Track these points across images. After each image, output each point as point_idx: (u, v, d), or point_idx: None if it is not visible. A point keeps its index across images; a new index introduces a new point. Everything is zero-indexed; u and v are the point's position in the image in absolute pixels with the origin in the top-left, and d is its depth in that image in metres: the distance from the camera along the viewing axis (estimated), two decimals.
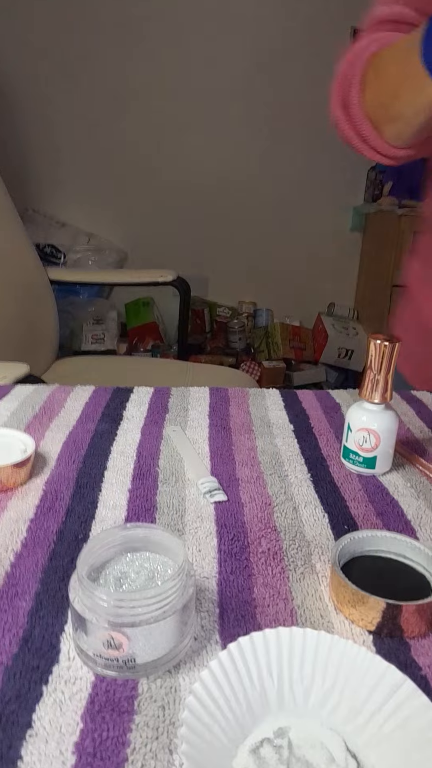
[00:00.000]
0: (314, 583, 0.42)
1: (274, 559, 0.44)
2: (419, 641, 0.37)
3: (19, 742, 0.30)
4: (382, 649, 0.37)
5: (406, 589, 0.40)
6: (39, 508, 0.50)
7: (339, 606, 0.39)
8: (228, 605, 0.40)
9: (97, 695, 0.33)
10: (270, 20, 2.62)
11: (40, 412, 0.68)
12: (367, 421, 0.55)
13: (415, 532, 0.49)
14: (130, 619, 0.32)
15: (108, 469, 0.56)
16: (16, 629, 0.37)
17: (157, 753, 0.30)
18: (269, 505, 0.51)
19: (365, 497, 0.53)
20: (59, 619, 0.38)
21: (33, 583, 0.41)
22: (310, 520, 0.50)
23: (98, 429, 0.64)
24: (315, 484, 0.55)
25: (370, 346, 0.53)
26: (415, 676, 0.35)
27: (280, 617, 0.39)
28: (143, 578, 0.36)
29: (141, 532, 0.39)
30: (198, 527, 0.48)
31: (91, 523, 0.48)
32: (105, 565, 0.38)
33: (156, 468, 0.57)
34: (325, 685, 0.32)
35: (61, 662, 0.35)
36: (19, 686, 0.33)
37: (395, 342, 0.52)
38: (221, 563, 0.44)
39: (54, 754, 0.29)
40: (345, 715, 0.31)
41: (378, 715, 0.30)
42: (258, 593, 0.41)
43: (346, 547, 0.42)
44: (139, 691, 0.33)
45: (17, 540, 0.45)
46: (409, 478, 0.57)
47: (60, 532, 0.47)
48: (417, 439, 0.65)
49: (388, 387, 0.54)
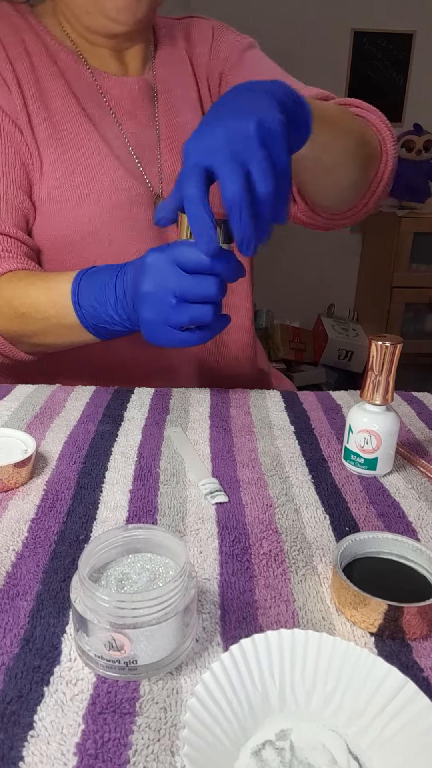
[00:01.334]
0: (316, 585, 0.42)
1: (275, 560, 0.44)
2: (421, 643, 0.37)
3: (20, 743, 0.30)
4: (383, 651, 0.37)
5: (407, 590, 0.40)
6: (40, 508, 0.50)
7: (340, 608, 0.39)
8: (229, 607, 0.40)
9: (98, 696, 0.33)
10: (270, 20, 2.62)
11: (41, 412, 0.68)
12: (368, 422, 0.55)
13: (417, 534, 0.48)
14: (131, 621, 0.32)
15: (109, 469, 0.56)
16: (17, 630, 0.37)
17: (159, 755, 0.30)
18: (270, 507, 0.51)
19: (366, 499, 0.53)
20: (60, 619, 0.38)
21: (34, 583, 0.41)
22: (312, 521, 0.50)
23: (99, 429, 0.64)
24: (316, 486, 0.55)
25: (371, 348, 0.53)
26: (417, 678, 0.35)
27: (282, 619, 0.39)
28: (145, 580, 0.36)
29: (142, 533, 0.38)
30: (199, 529, 0.48)
31: (92, 523, 0.48)
32: (106, 566, 0.38)
33: (157, 469, 0.57)
34: (327, 687, 0.32)
35: (62, 663, 0.35)
36: (20, 687, 0.33)
37: (396, 343, 0.52)
38: (222, 565, 0.44)
39: (55, 755, 0.29)
40: (347, 718, 0.31)
41: (380, 718, 0.30)
42: (259, 595, 0.41)
43: (348, 548, 0.42)
44: (141, 692, 0.33)
45: (18, 540, 0.45)
46: (411, 480, 0.57)
47: (61, 533, 0.47)
48: (418, 441, 0.65)
49: (389, 388, 0.53)
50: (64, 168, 0.79)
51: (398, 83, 3.07)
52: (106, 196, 0.80)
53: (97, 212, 0.80)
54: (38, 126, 0.79)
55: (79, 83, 0.83)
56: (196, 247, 0.54)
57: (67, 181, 0.79)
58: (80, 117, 0.81)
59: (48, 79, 0.81)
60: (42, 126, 0.79)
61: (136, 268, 0.60)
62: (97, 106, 0.84)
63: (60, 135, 0.80)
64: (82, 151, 0.80)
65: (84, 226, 0.79)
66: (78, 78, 0.83)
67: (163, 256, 0.57)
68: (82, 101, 0.82)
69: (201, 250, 0.54)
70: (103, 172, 0.81)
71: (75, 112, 0.81)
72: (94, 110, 0.83)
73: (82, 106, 0.82)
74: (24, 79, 0.79)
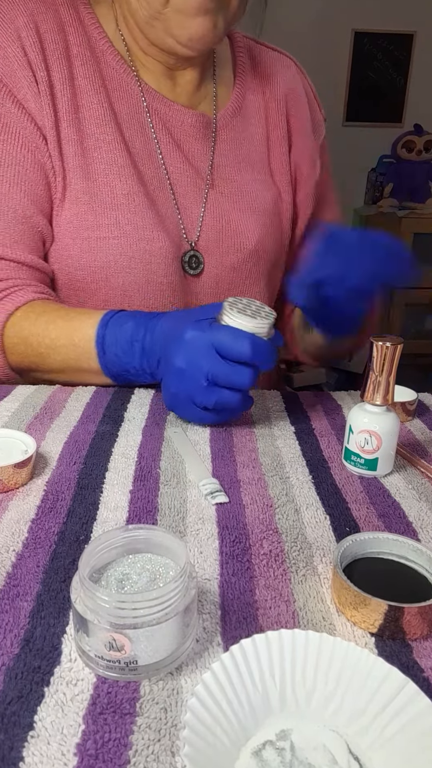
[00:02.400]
0: (316, 585, 0.42)
1: (275, 561, 0.44)
2: (421, 643, 0.37)
3: (20, 744, 0.30)
4: (384, 651, 0.37)
5: (408, 591, 0.40)
6: (40, 508, 0.50)
7: (341, 608, 0.39)
8: (230, 607, 0.40)
9: (98, 697, 0.33)
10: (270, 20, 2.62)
11: (41, 412, 0.68)
12: (368, 422, 0.55)
13: (417, 534, 0.48)
14: (131, 621, 0.32)
15: (109, 470, 0.56)
16: (17, 630, 0.37)
17: (159, 755, 0.30)
18: (271, 507, 0.51)
19: (367, 499, 0.53)
20: (61, 620, 0.38)
21: (34, 583, 0.41)
22: (312, 522, 0.50)
23: (99, 430, 0.64)
24: (316, 486, 0.55)
25: (371, 348, 0.53)
26: (418, 678, 0.35)
27: (282, 619, 0.39)
28: (145, 580, 0.36)
29: (142, 533, 0.38)
30: (199, 529, 0.48)
31: (92, 524, 0.48)
32: (107, 566, 0.38)
33: (157, 469, 0.57)
34: (327, 687, 0.32)
35: (62, 663, 0.35)
36: (20, 687, 0.33)
37: (396, 343, 0.52)
38: (223, 565, 0.44)
39: (56, 756, 0.29)
40: (347, 718, 0.31)
41: (381, 718, 0.30)
42: (260, 595, 0.41)
43: (348, 549, 0.42)
44: (141, 693, 0.33)
45: (18, 540, 0.45)
46: (411, 480, 0.57)
47: (61, 533, 0.47)
48: (419, 441, 0.65)
49: (390, 389, 0.53)
50: (87, 202, 0.71)
51: (398, 84, 3.07)
52: (126, 244, 0.73)
53: (112, 260, 0.73)
54: (67, 147, 0.70)
55: (122, 99, 0.73)
56: (238, 338, 0.54)
57: (86, 218, 0.71)
58: (116, 144, 0.72)
59: (87, 94, 0.71)
60: (71, 149, 0.70)
61: (171, 339, 0.58)
62: (139, 132, 0.74)
63: (88, 163, 0.71)
64: (109, 188, 0.71)
65: (96, 272, 0.73)
66: (123, 91, 0.73)
67: (204, 337, 0.56)
68: (122, 123, 0.73)
69: (244, 349, 0.54)
70: (129, 217, 0.72)
71: (111, 139, 0.72)
72: (135, 136, 0.73)
73: (121, 129, 0.72)
74: (59, 90, 0.70)
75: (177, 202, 0.76)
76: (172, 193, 0.76)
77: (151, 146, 0.75)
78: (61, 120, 0.70)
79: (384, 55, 3.03)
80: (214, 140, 0.78)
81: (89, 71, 0.72)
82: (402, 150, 3.03)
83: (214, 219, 0.78)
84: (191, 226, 0.78)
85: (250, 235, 0.80)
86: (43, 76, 0.69)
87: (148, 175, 0.74)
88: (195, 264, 0.78)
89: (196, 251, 0.78)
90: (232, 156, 0.79)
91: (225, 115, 0.79)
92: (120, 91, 0.74)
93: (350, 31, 2.95)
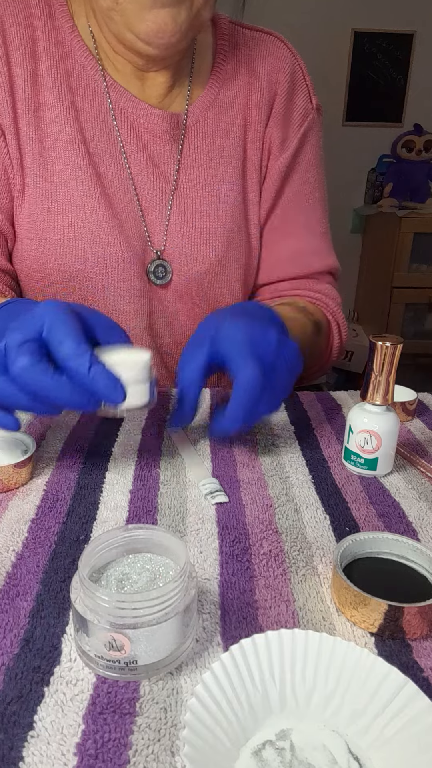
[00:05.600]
0: (316, 585, 0.42)
1: (275, 560, 0.44)
2: (421, 643, 0.37)
3: (20, 743, 0.30)
4: (384, 651, 0.37)
5: (408, 590, 0.40)
6: (40, 508, 0.50)
7: (341, 608, 0.39)
8: (230, 607, 0.40)
9: (98, 696, 0.33)
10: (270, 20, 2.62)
11: None
12: (368, 422, 0.55)
13: (417, 534, 0.48)
14: (131, 621, 0.32)
15: (109, 470, 0.56)
16: (17, 630, 0.37)
17: (159, 755, 0.30)
18: (270, 507, 0.51)
19: (367, 499, 0.53)
20: (60, 619, 0.38)
21: (34, 583, 0.41)
22: (312, 521, 0.50)
23: (99, 430, 0.64)
24: (316, 486, 0.55)
25: (371, 348, 0.53)
26: (417, 678, 0.35)
27: (282, 619, 0.39)
28: (145, 580, 0.36)
29: (142, 533, 0.38)
30: (199, 529, 0.48)
31: (92, 524, 0.48)
32: (106, 566, 0.38)
33: (157, 469, 0.57)
34: (327, 687, 0.32)
35: (62, 663, 0.35)
36: (20, 687, 0.33)
37: (396, 343, 0.52)
38: (223, 565, 0.44)
39: (55, 755, 0.29)
40: (347, 718, 0.31)
41: (380, 718, 0.30)
42: (260, 595, 0.41)
43: (348, 548, 0.42)
44: (141, 692, 0.33)
45: (18, 540, 0.45)
46: (411, 480, 0.57)
47: (61, 533, 0.47)
48: (418, 441, 0.65)
49: (390, 389, 0.53)
50: (43, 202, 0.69)
51: (398, 83, 3.07)
52: (80, 247, 0.70)
53: (68, 263, 0.70)
54: (26, 144, 0.68)
55: (86, 96, 0.70)
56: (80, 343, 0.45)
57: (42, 218, 0.69)
58: (75, 144, 0.69)
59: (49, 91, 0.68)
60: (29, 147, 0.68)
61: (21, 311, 0.51)
62: (103, 131, 0.71)
63: (46, 162, 0.69)
64: (66, 189, 0.69)
65: (54, 274, 0.71)
66: (87, 88, 0.70)
67: (44, 315, 0.46)
68: (84, 121, 0.70)
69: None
70: (83, 219, 0.69)
71: (69, 138, 0.69)
72: (97, 136, 0.70)
73: (82, 128, 0.69)
74: (20, 86, 0.68)
75: (141, 206, 0.72)
76: (136, 196, 0.72)
77: (115, 147, 0.71)
78: (20, 117, 0.68)
79: (384, 55, 3.03)
80: (183, 139, 0.74)
81: (54, 67, 0.69)
82: (402, 150, 3.03)
83: (180, 224, 0.75)
84: (157, 231, 0.74)
85: (217, 240, 0.76)
86: (4, 71, 0.67)
87: (109, 177, 0.71)
88: (162, 273, 0.75)
89: (163, 260, 0.75)
90: (201, 152, 0.75)
91: (196, 110, 0.74)
92: (85, 88, 0.70)
93: (350, 31, 2.95)
